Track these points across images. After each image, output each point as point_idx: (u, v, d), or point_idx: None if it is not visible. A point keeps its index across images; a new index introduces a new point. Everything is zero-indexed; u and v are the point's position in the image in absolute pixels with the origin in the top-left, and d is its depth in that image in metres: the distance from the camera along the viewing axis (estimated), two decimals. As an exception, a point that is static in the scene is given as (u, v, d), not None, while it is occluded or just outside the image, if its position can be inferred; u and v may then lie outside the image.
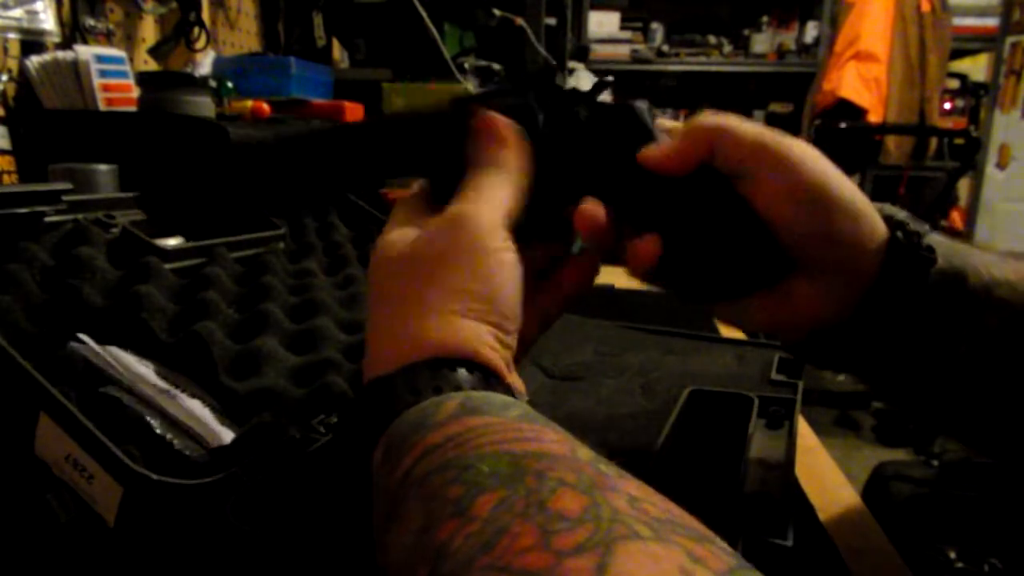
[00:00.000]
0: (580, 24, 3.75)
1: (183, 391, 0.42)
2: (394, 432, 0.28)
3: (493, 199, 0.34)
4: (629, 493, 0.22)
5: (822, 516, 0.51)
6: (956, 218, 3.28)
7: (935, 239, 0.39)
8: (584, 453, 0.25)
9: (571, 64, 3.20)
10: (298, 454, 0.37)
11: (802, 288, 0.38)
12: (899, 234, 0.38)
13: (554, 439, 0.26)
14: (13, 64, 1.14)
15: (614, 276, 0.43)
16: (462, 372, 0.30)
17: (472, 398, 0.28)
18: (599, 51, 3.85)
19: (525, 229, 0.35)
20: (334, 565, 0.34)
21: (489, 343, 0.31)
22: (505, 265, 0.33)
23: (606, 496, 0.22)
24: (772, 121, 3.80)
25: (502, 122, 0.36)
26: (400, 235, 0.34)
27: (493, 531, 0.21)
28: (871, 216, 0.38)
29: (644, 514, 0.21)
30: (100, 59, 1.12)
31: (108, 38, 1.30)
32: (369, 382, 0.31)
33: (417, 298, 0.31)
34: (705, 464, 0.45)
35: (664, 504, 0.22)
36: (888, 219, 0.39)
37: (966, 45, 3.41)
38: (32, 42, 1.16)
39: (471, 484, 0.23)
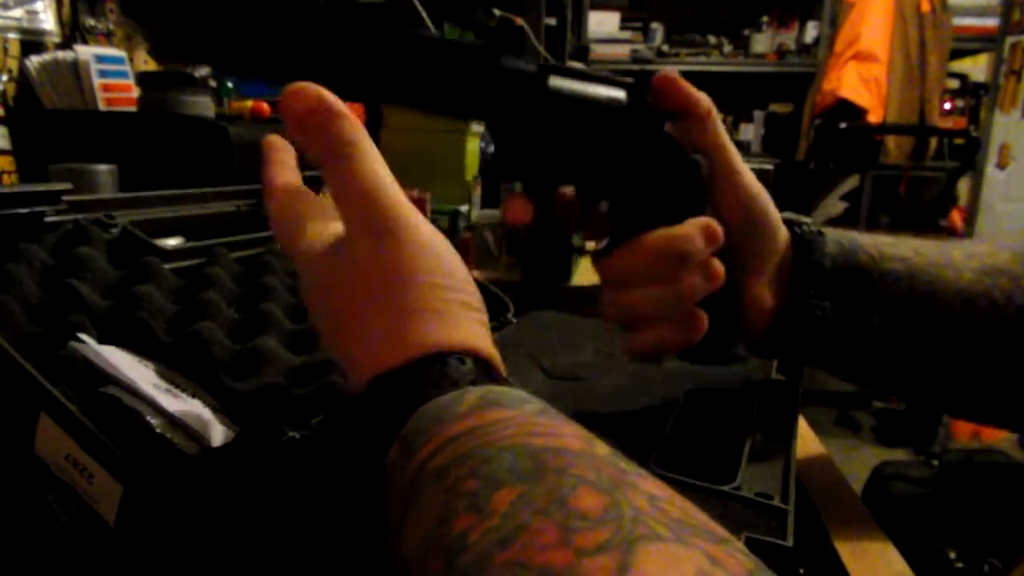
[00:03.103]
0: (580, 24, 3.75)
1: (183, 391, 0.42)
2: (412, 425, 0.28)
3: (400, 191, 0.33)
4: (649, 492, 0.22)
5: (822, 516, 0.50)
6: (956, 218, 3.27)
7: (827, 230, 0.51)
8: (602, 449, 0.25)
9: (571, 64, 3.20)
10: (298, 454, 0.37)
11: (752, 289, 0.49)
12: (797, 230, 0.50)
13: (572, 434, 0.26)
14: (13, 64, 1.14)
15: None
16: (471, 365, 0.30)
17: (492, 392, 0.28)
18: (599, 51, 3.85)
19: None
20: (334, 565, 0.34)
21: (483, 334, 0.32)
22: (454, 252, 0.33)
23: (626, 495, 0.22)
24: (772, 121, 3.80)
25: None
26: (350, 255, 0.32)
27: (512, 527, 0.21)
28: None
29: (664, 514, 0.21)
30: (100, 59, 1.12)
31: (108, 38, 1.30)
32: (375, 378, 0.30)
33: (412, 303, 0.31)
34: (705, 464, 0.45)
35: (682, 503, 0.22)
36: (787, 222, 0.50)
37: (966, 45, 3.40)
38: (32, 42, 1.17)
39: (489, 478, 0.23)
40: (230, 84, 1.31)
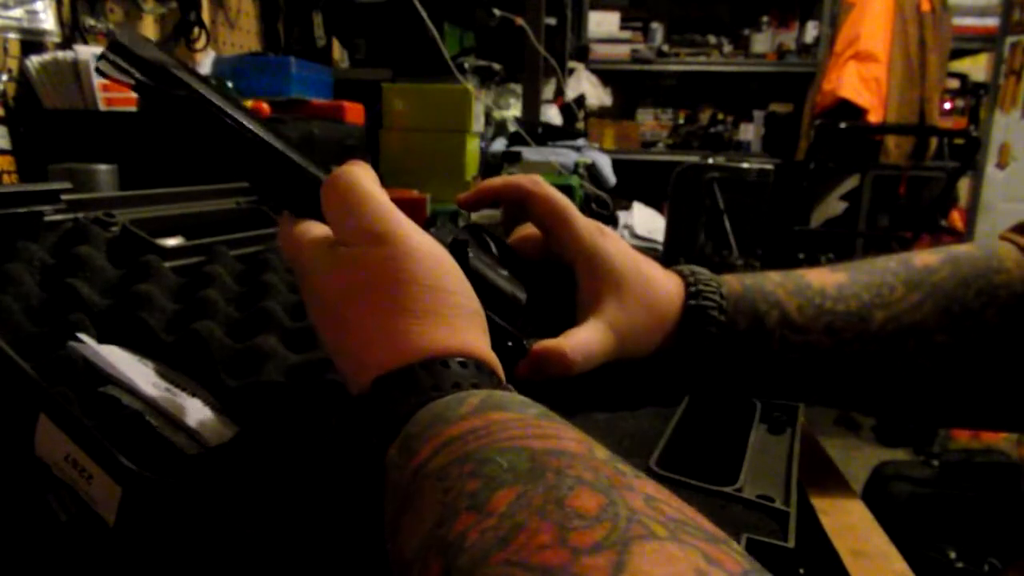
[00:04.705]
0: (580, 24, 3.75)
1: (183, 390, 0.42)
2: (414, 425, 0.28)
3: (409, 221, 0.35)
4: (646, 492, 0.22)
5: (822, 517, 0.50)
6: (956, 218, 3.27)
7: (730, 287, 0.47)
8: (601, 452, 0.25)
9: (571, 64, 3.19)
10: (299, 453, 0.37)
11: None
12: (692, 302, 0.46)
13: (572, 437, 0.26)
14: (13, 64, 1.14)
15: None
16: (472, 369, 0.31)
17: (494, 395, 0.29)
18: (599, 51, 3.85)
19: None
20: (334, 564, 0.34)
21: (482, 338, 0.33)
22: (450, 258, 0.34)
23: (623, 495, 0.22)
24: (772, 121, 3.80)
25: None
26: (350, 254, 0.34)
27: (510, 527, 0.21)
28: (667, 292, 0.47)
29: (660, 514, 0.21)
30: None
31: (108, 38, 1.30)
32: (378, 379, 0.31)
33: (413, 304, 0.32)
34: (706, 466, 0.45)
35: (679, 505, 0.23)
36: (687, 281, 0.47)
37: (966, 45, 3.40)
38: (32, 42, 1.17)
39: (489, 478, 0.23)
40: (229, 84, 1.31)
